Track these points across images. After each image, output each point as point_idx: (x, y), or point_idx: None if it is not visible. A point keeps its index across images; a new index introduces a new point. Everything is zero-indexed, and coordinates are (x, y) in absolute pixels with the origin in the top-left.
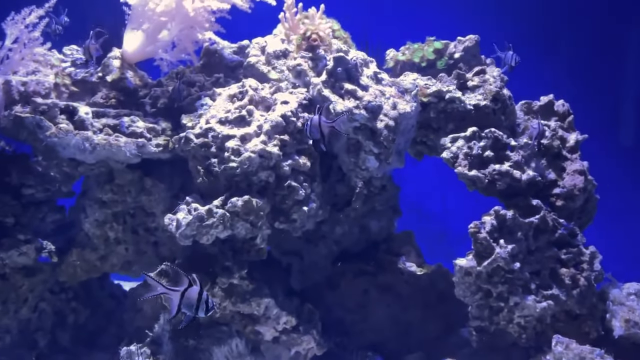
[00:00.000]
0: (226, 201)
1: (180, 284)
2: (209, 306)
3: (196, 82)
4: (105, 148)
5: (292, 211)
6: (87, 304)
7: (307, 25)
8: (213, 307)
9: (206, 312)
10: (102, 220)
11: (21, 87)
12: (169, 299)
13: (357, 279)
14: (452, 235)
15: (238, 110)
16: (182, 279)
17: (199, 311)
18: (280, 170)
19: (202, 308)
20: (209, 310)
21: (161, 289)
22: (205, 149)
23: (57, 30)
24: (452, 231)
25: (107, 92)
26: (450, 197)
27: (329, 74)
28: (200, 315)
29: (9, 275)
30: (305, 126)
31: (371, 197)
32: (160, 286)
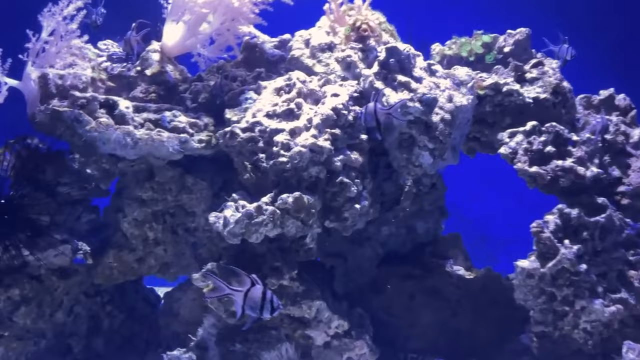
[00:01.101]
0: (276, 198)
1: (242, 284)
2: (274, 306)
3: (237, 76)
4: (147, 143)
5: (344, 209)
6: (122, 308)
7: (356, 15)
8: (279, 306)
9: (271, 312)
10: (142, 220)
11: (58, 80)
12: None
13: (403, 282)
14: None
15: (286, 103)
16: (243, 279)
17: (263, 312)
18: (332, 166)
19: (267, 308)
20: (274, 310)
21: (225, 289)
22: (253, 144)
23: (97, 21)
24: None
25: (146, 87)
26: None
27: (381, 65)
28: (265, 317)
29: (44, 276)
30: (359, 114)
31: (420, 197)
32: (224, 286)
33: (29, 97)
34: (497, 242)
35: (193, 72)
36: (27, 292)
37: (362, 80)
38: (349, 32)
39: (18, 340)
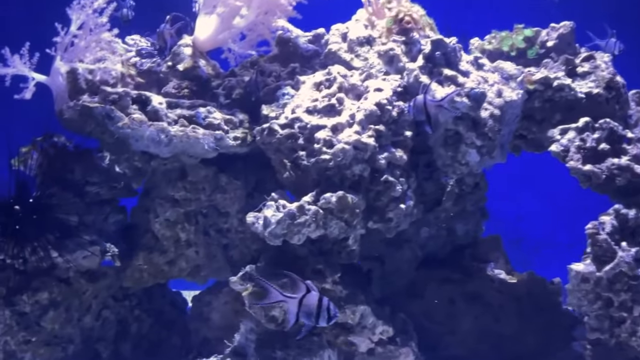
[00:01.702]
0: (318, 197)
1: (296, 291)
2: (331, 314)
3: (272, 72)
4: (182, 140)
5: (388, 209)
6: (150, 313)
7: (397, 7)
8: (336, 314)
9: (328, 320)
10: (174, 220)
11: (88, 75)
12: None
13: (443, 287)
14: (526, 243)
15: (327, 98)
16: (298, 285)
17: (320, 320)
18: (376, 164)
19: (323, 316)
20: (331, 319)
21: (278, 296)
22: (292, 141)
23: (128, 15)
24: (527, 238)
25: (178, 82)
26: (523, 201)
27: (426, 58)
28: (321, 325)
29: (73, 279)
30: (407, 108)
31: (462, 197)
32: (277, 293)
33: (57, 93)
34: (530, 245)
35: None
36: (55, 296)
37: (405, 74)
38: (391, 24)
39: (46, 346)
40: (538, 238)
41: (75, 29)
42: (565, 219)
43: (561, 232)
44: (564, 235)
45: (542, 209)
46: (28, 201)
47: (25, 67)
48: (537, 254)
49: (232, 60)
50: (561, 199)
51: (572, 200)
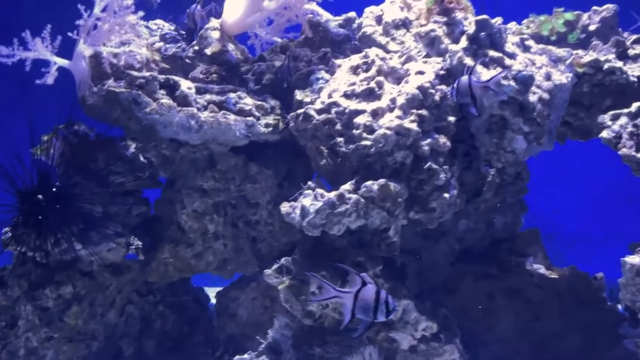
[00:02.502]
0: (358, 186)
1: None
2: (390, 308)
3: (302, 56)
4: (213, 126)
5: (431, 198)
6: (174, 309)
7: None
8: (395, 308)
9: (387, 314)
10: (202, 212)
11: (113, 59)
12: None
13: (480, 282)
14: (561, 237)
15: (365, 82)
16: (353, 278)
17: (378, 314)
18: (418, 150)
19: (381, 311)
20: (389, 313)
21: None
22: (329, 127)
23: None
24: (561, 233)
25: (207, 67)
26: (559, 195)
27: (471, 39)
28: (380, 320)
29: (96, 273)
30: (450, 90)
31: (503, 187)
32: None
33: (80, 78)
34: (564, 240)
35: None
36: (79, 290)
37: (448, 56)
38: (431, 4)
39: (69, 343)
40: (572, 233)
41: (99, 11)
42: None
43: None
44: (598, 230)
45: (577, 203)
46: (51, 191)
47: (47, 51)
48: (571, 249)
49: (258, 46)
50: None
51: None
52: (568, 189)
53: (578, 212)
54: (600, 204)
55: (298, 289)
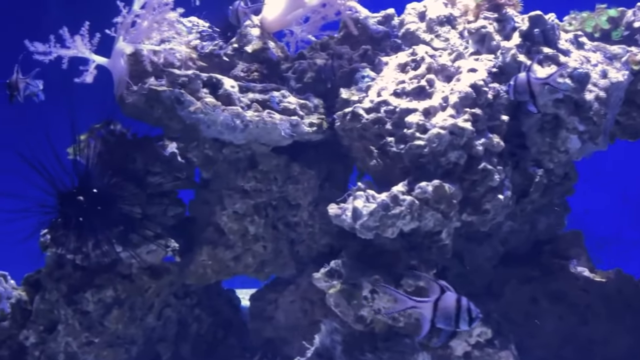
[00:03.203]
0: (411, 187)
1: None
2: (473, 315)
3: (343, 54)
4: (259, 126)
5: (485, 200)
6: (209, 312)
7: None
8: (478, 315)
9: (470, 323)
10: (243, 213)
11: (154, 57)
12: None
13: (523, 285)
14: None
15: (416, 80)
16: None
17: (460, 323)
18: (472, 150)
19: (463, 319)
20: (473, 321)
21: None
22: (379, 126)
23: None
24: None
25: (247, 65)
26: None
27: (524, 36)
28: (462, 329)
29: (135, 276)
30: (508, 87)
31: (550, 188)
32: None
33: (118, 76)
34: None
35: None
36: (119, 294)
37: (500, 53)
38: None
39: (109, 348)
40: (604, 234)
41: (138, 7)
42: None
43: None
44: (631, 232)
45: (609, 203)
46: (92, 192)
47: (86, 48)
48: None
49: (293, 44)
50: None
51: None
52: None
53: (610, 212)
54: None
55: (350, 294)
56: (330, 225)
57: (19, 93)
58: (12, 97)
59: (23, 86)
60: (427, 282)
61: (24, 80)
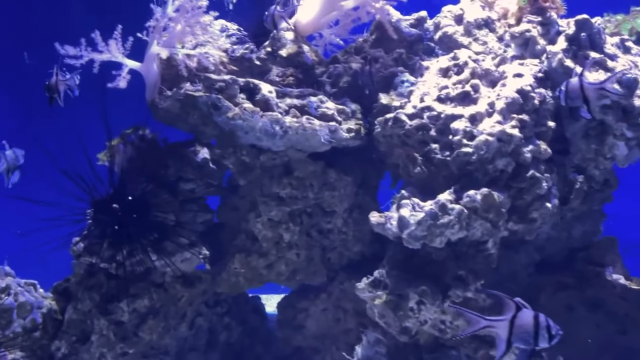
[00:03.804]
0: (459, 195)
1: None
2: (553, 332)
3: (378, 58)
4: (298, 132)
5: (532, 208)
6: (238, 320)
7: None
8: (558, 332)
9: (549, 340)
10: (278, 220)
11: (189, 61)
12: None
13: (559, 293)
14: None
15: (460, 85)
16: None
17: (539, 341)
18: (520, 158)
19: (542, 337)
20: (552, 338)
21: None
22: (423, 132)
23: None
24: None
25: (282, 69)
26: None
27: (570, 40)
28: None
29: (168, 285)
30: (559, 92)
31: (590, 195)
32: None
33: (150, 80)
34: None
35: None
36: (154, 303)
37: (545, 58)
38: (524, 3)
39: (143, 359)
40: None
41: (171, 11)
42: None
43: None
44: None
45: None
46: (127, 199)
47: (119, 52)
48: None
49: (321, 46)
50: None
51: None
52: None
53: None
54: None
55: (396, 305)
56: (363, 233)
57: (59, 95)
58: (52, 99)
59: (63, 88)
60: (502, 300)
61: (64, 83)
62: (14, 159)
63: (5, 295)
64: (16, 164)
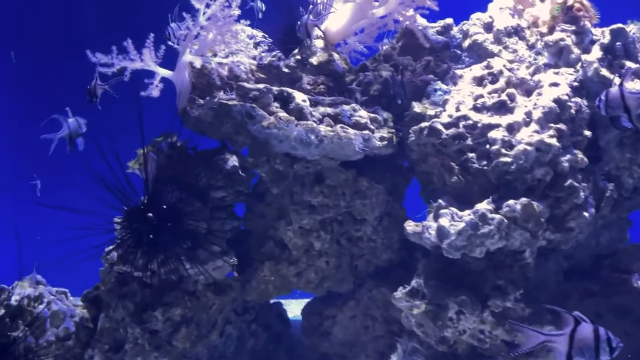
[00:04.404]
0: (498, 205)
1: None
2: (614, 345)
3: (407, 65)
4: (333, 141)
5: (569, 217)
6: (264, 327)
7: None
8: (619, 345)
9: (610, 353)
10: (309, 229)
11: (222, 70)
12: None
13: (586, 300)
14: None
15: (496, 94)
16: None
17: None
18: (558, 167)
19: (604, 350)
20: (613, 351)
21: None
22: (460, 142)
23: (262, 7)
24: None
25: (314, 77)
26: None
27: (605, 49)
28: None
29: (200, 293)
30: (598, 102)
31: (620, 203)
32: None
33: (181, 89)
34: None
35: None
36: (187, 312)
37: (580, 67)
38: (558, 12)
39: None
40: None
41: (204, 20)
42: None
43: None
44: None
45: None
46: (161, 208)
47: (152, 61)
48: None
49: (346, 54)
50: None
51: None
52: None
53: None
54: None
55: (435, 315)
56: (392, 240)
57: (97, 99)
58: (92, 102)
59: (101, 93)
60: (560, 314)
61: (103, 87)
62: (77, 127)
63: (39, 304)
64: (79, 132)
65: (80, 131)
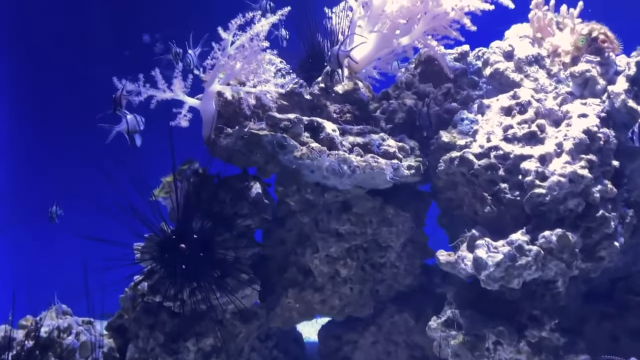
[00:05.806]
0: (533, 235)
1: None
2: None
3: (429, 93)
4: (365, 171)
5: (600, 247)
6: (285, 353)
7: (591, 24)
8: None
9: None
10: (336, 257)
11: (252, 100)
12: None
13: (603, 323)
14: None
15: (526, 125)
16: None
17: None
18: (589, 198)
19: None
20: None
21: None
22: (492, 172)
23: (286, 35)
24: None
25: (340, 106)
26: None
27: (631, 81)
28: None
29: (227, 322)
30: (631, 134)
31: (639, 228)
32: None
33: (207, 117)
34: None
35: None
36: (217, 341)
37: (607, 98)
38: (583, 43)
39: None
40: None
41: (232, 50)
42: None
43: None
44: None
45: None
46: (192, 237)
47: (181, 91)
48: None
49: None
50: None
51: None
52: None
53: None
54: None
55: (473, 345)
56: (414, 266)
57: (122, 108)
58: (115, 110)
59: (125, 102)
60: None
61: (127, 98)
62: (135, 123)
63: (67, 335)
64: (136, 128)
65: (139, 128)
